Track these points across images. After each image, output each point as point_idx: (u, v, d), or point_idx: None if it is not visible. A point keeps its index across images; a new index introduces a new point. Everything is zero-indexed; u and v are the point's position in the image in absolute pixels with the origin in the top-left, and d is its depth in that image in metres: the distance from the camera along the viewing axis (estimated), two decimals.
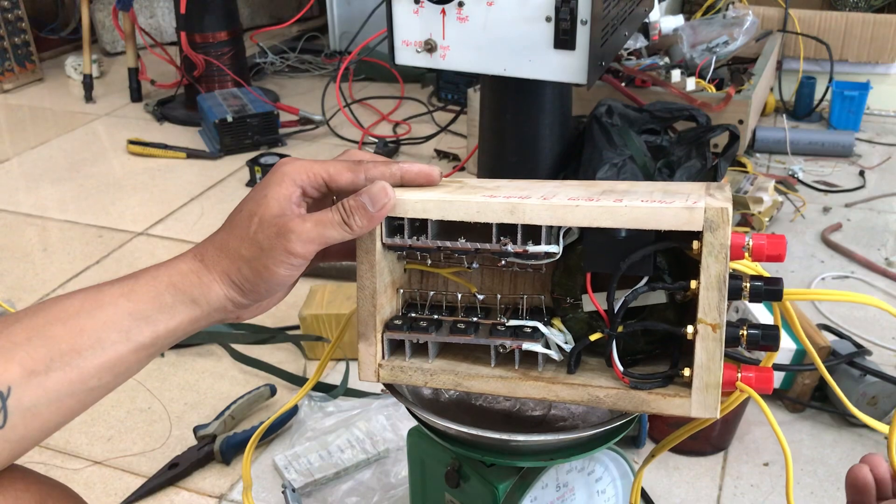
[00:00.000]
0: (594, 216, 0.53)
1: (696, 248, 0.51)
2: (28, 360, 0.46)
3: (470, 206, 0.56)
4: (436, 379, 0.59)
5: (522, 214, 0.55)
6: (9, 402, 0.45)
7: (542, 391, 0.57)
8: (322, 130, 2.18)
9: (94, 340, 0.48)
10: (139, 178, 1.95)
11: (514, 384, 0.58)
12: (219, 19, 2.23)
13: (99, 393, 0.50)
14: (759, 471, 1.05)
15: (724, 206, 0.50)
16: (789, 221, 1.64)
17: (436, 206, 0.56)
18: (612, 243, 0.54)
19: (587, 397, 0.56)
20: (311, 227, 0.53)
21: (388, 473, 1.04)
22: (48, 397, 0.47)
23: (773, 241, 0.54)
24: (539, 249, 0.56)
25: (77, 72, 2.61)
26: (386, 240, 0.58)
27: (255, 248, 0.52)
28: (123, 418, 1.16)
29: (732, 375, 0.54)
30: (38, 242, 1.67)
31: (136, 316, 0.50)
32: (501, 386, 0.58)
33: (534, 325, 0.58)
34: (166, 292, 0.52)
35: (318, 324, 1.24)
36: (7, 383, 0.45)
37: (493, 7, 1.19)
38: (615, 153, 1.41)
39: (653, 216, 0.52)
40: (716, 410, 0.53)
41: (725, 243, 0.50)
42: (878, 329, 1.31)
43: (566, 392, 0.57)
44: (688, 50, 1.87)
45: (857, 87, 2.04)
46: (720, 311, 0.51)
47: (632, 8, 1.39)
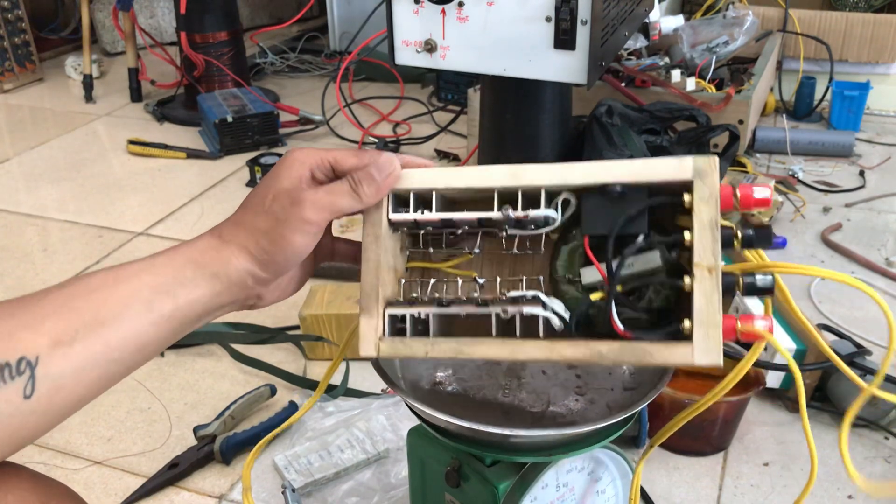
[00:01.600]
0: (591, 171, 0.57)
1: (687, 200, 0.55)
2: (54, 331, 0.47)
3: (472, 174, 0.59)
4: (436, 348, 0.58)
5: (524, 175, 0.58)
6: (37, 370, 0.46)
7: (545, 351, 0.57)
8: (322, 130, 2.18)
9: (117, 312, 0.49)
10: (139, 178, 1.95)
11: (515, 346, 0.57)
12: (219, 19, 2.23)
13: (121, 367, 0.50)
14: (760, 471, 1.05)
15: (711, 157, 0.55)
16: (789, 221, 1.64)
17: (441, 176, 0.60)
18: (609, 203, 0.57)
19: (589, 353, 0.56)
20: (323, 195, 0.55)
21: (388, 473, 1.04)
22: (73, 368, 0.47)
23: (759, 188, 0.56)
24: (539, 213, 0.58)
25: (77, 72, 2.61)
26: (392, 215, 0.60)
27: (271, 219, 0.55)
28: (123, 418, 1.16)
29: (732, 323, 0.55)
30: (38, 242, 1.67)
31: (157, 289, 0.51)
32: (502, 349, 0.57)
33: (534, 293, 0.59)
34: (186, 267, 0.53)
35: (318, 324, 1.24)
36: (35, 353, 0.46)
37: (493, 7, 1.19)
38: (615, 153, 1.41)
39: (646, 168, 0.56)
40: (718, 356, 0.53)
41: (715, 189, 0.55)
42: (878, 329, 1.30)
43: (569, 350, 0.56)
44: (688, 50, 1.87)
45: (857, 87, 2.04)
46: (714, 253, 0.54)
47: (632, 8, 1.39)
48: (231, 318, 1.36)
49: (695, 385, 1.02)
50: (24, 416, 0.46)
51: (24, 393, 0.45)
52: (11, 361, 0.45)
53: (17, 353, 0.45)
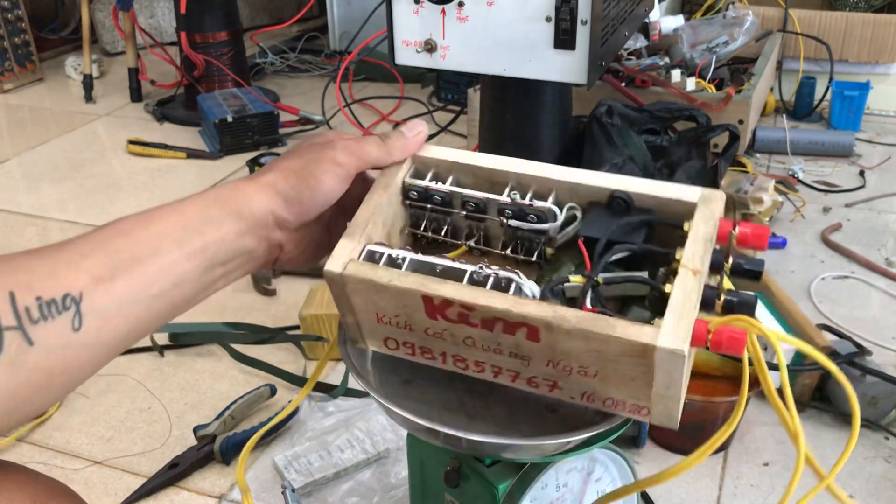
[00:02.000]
0: (604, 177, 0.60)
1: (685, 227, 0.56)
2: (95, 268, 0.49)
3: (489, 159, 0.62)
4: (402, 279, 0.57)
5: (541, 168, 0.61)
6: (82, 305, 0.47)
7: (508, 302, 0.54)
8: (322, 130, 2.18)
9: (151, 249, 0.51)
10: (139, 178, 1.95)
11: (480, 292, 0.55)
12: (219, 19, 2.23)
13: (162, 304, 0.52)
14: (760, 471, 1.05)
15: (720, 192, 0.57)
16: (789, 221, 1.64)
17: (462, 155, 0.63)
18: (612, 215, 0.59)
19: (553, 314, 0.53)
20: (353, 142, 0.60)
21: (388, 473, 1.04)
22: (117, 302, 0.49)
23: (757, 231, 0.58)
24: (544, 205, 0.60)
25: (77, 72, 2.61)
26: (408, 179, 0.63)
27: (303, 161, 0.58)
28: (123, 418, 1.16)
29: (703, 328, 0.52)
30: (39, 242, 1.66)
31: (186, 227, 0.53)
32: (466, 293, 0.55)
33: (514, 272, 0.58)
34: (212, 206, 0.55)
35: (318, 324, 1.24)
36: (79, 289, 0.47)
37: (493, 7, 1.19)
38: (615, 153, 1.41)
39: (657, 187, 0.59)
40: (684, 344, 0.50)
41: (716, 215, 0.56)
42: (878, 329, 1.31)
43: (532, 307, 0.54)
44: (688, 50, 1.87)
45: (857, 87, 2.04)
46: (703, 261, 0.54)
47: (632, 8, 1.39)
48: (231, 318, 1.36)
49: (695, 385, 1.02)
50: (75, 350, 0.47)
51: (73, 325, 0.47)
52: (57, 297, 0.46)
53: (61, 289, 0.47)
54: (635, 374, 0.54)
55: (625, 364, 0.53)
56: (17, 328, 0.45)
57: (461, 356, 0.60)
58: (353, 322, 0.62)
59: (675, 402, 0.55)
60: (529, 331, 0.55)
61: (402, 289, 0.57)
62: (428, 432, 0.61)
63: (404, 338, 0.61)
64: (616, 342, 0.52)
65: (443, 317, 0.57)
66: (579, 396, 0.59)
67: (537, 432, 0.63)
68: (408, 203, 0.65)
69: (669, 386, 0.54)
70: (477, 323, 0.56)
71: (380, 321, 0.61)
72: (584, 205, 0.61)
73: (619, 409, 0.58)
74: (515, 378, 0.60)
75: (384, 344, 0.63)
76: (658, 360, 0.51)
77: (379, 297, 0.58)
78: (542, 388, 0.60)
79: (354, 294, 0.59)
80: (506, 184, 0.62)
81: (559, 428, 0.62)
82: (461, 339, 0.59)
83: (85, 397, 1.20)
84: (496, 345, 0.57)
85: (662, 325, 0.51)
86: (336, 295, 0.60)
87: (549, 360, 0.56)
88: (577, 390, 0.58)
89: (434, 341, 0.60)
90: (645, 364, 0.52)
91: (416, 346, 0.61)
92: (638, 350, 0.52)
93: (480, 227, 0.65)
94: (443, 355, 0.61)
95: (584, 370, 0.56)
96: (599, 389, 0.57)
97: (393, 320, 0.60)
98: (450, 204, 0.64)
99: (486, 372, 0.61)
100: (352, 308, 0.60)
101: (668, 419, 0.57)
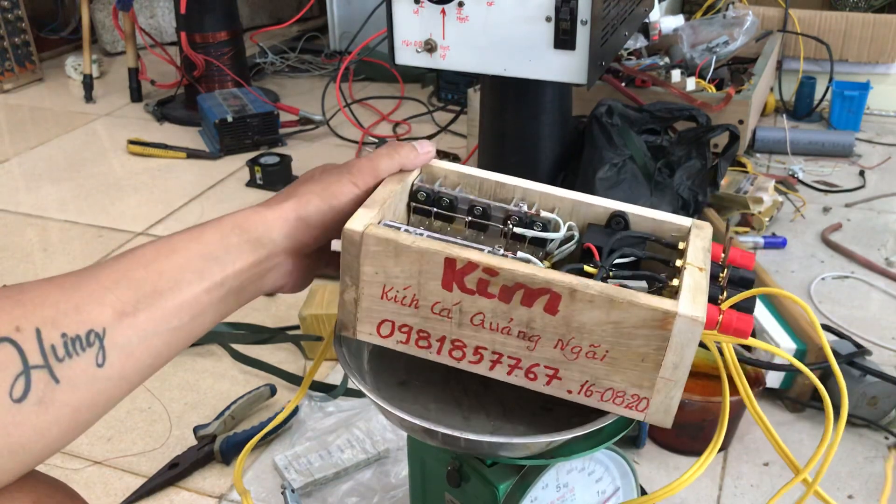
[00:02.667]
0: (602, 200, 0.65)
1: (681, 246, 0.62)
2: (118, 302, 0.50)
3: (501, 176, 0.67)
4: (426, 242, 0.57)
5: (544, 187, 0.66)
6: (105, 341, 0.48)
7: (532, 268, 0.56)
8: (322, 130, 2.18)
9: (173, 282, 0.52)
10: (139, 178, 1.95)
11: (498, 259, 0.57)
12: (219, 19, 2.23)
13: (182, 334, 0.53)
14: (760, 471, 1.05)
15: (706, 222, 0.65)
16: (789, 221, 1.64)
17: (471, 171, 0.67)
18: (610, 233, 0.64)
19: (576, 281, 0.55)
20: (366, 161, 0.63)
21: (388, 473, 1.04)
22: (138, 336, 0.50)
23: (745, 255, 0.63)
24: (548, 216, 0.64)
25: (77, 72, 2.61)
26: (418, 182, 0.66)
27: (322, 184, 0.60)
28: (123, 418, 1.16)
29: (714, 310, 0.56)
30: (39, 242, 1.67)
31: (207, 257, 0.54)
32: (490, 258, 0.57)
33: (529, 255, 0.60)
34: (232, 233, 0.56)
35: (318, 324, 1.24)
36: (102, 325, 0.48)
37: (493, 7, 1.19)
38: (615, 153, 1.41)
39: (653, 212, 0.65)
40: (703, 312, 0.53)
41: (709, 234, 0.62)
42: (878, 329, 1.31)
43: (557, 274, 0.56)
44: (688, 50, 1.87)
45: (857, 87, 2.04)
46: (705, 263, 0.59)
47: (632, 8, 1.39)
48: (231, 318, 1.36)
49: (695, 385, 1.02)
50: (100, 384, 0.48)
51: (97, 361, 0.48)
52: (81, 334, 0.47)
53: (86, 325, 0.48)
54: (647, 353, 0.55)
55: (639, 339, 0.55)
56: (43, 367, 0.46)
57: (461, 342, 0.60)
58: (353, 298, 0.60)
59: (677, 390, 0.57)
60: (550, 299, 0.56)
61: (425, 250, 0.57)
62: (425, 432, 0.61)
63: (403, 319, 0.60)
64: (638, 309, 0.54)
65: (460, 286, 0.57)
66: (578, 388, 0.59)
67: (533, 431, 0.64)
68: (413, 206, 0.66)
69: (678, 366, 0.55)
70: (495, 293, 0.57)
71: (384, 296, 0.59)
72: (582, 226, 0.66)
73: (617, 402, 0.59)
74: (514, 369, 0.60)
75: (377, 330, 0.61)
76: (676, 330, 0.54)
77: (395, 262, 0.58)
78: (541, 379, 0.59)
79: (367, 259, 0.58)
80: (510, 198, 0.66)
81: (554, 427, 0.62)
82: (470, 317, 0.58)
83: None
84: (507, 321, 0.58)
85: (680, 299, 0.55)
86: (347, 261, 0.59)
87: (559, 338, 0.57)
88: (577, 380, 0.58)
89: (436, 322, 0.59)
90: (661, 337, 0.54)
91: (414, 329, 0.60)
92: (658, 318, 0.54)
93: (480, 237, 0.66)
94: (440, 342, 0.60)
95: (593, 350, 0.57)
96: (602, 377, 0.58)
97: (400, 294, 0.59)
98: (455, 209, 0.65)
99: (484, 362, 0.60)
100: (358, 278, 0.59)
101: (664, 413, 0.58)
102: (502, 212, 0.65)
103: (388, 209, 0.62)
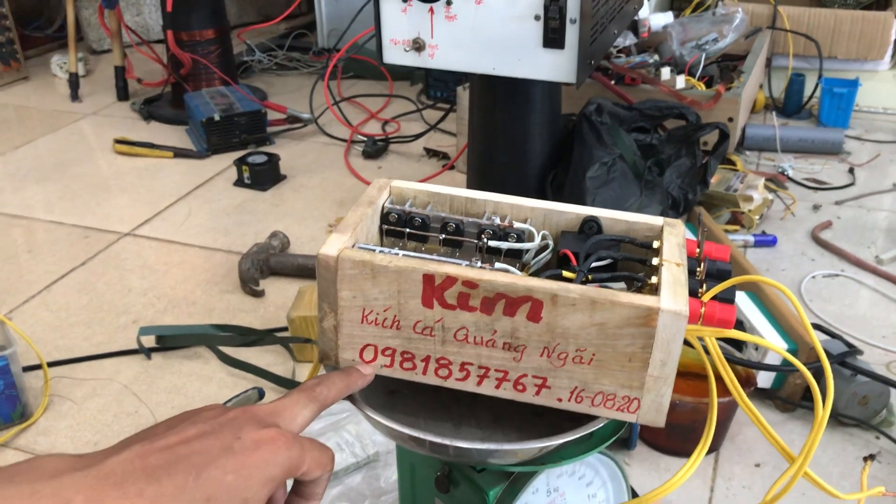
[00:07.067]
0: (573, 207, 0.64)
1: (655, 245, 0.61)
2: None
3: (470, 192, 0.66)
4: (402, 261, 0.56)
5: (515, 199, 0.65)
6: None
7: (512, 278, 0.55)
8: (310, 129, 2.16)
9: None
10: (126, 177, 1.93)
11: (482, 271, 0.56)
12: (206, 17, 2.21)
13: None
14: (751, 472, 1.05)
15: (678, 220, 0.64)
16: (779, 219, 1.64)
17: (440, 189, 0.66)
18: (585, 238, 0.63)
19: (557, 286, 0.54)
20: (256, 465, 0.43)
21: (378, 478, 1.03)
22: None
23: (719, 247, 0.63)
24: (522, 226, 0.63)
25: (63, 70, 2.59)
26: (388, 204, 0.65)
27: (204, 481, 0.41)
28: (110, 422, 1.15)
29: (696, 303, 0.56)
30: (24, 243, 1.65)
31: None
32: (469, 271, 0.56)
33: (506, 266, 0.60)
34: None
35: (306, 325, 1.23)
36: None
37: (481, 6, 1.18)
38: (605, 152, 1.40)
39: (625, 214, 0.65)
40: (685, 306, 0.53)
41: (682, 233, 0.62)
42: (869, 327, 1.30)
43: (537, 281, 0.55)
44: (677, 47, 1.87)
45: (846, 84, 2.04)
46: (681, 259, 0.58)
47: (621, 5, 1.38)
48: (218, 319, 1.35)
49: (686, 386, 1.01)
50: None
51: None
52: None
53: None
54: (633, 352, 0.55)
55: (625, 339, 0.54)
56: None
57: (446, 359, 0.59)
58: (332, 325, 0.60)
59: (667, 387, 0.56)
60: (532, 307, 0.55)
61: (402, 268, 0.56)
62: (413, 441, 0.60)
63: (386, 342, 0.59)
64: (621, 308, 0.53)
65: (440, 302, 0.56)
66: (568, 396, 0.58)
67: (524, 437, 0.63)
68: (385, 228, 0.66)
69: (666, 363, 0.55)
70: (476, 306, 0.56)
71: (364, 319, 0.59)
72: (555, 234, 0.66)
73: (608, 406, 0.58)
74: (501, 382, 0.59)
75: (360, 355, 0.60)
76: (661, 325, 0.53)
77: (373, 283, 0.57)
78: (530, 390, 0.59)
79: (344, 283, 0.57)
80: (482, 213, 0.66)
81: (546, 432, 0.61)
82: (453, 333, 0.58)
83: (70, 401, 1.18)
84: (490, 334, 0.57)
85: (661, 295, 0.54)
86: (323, 287, 0.58)
87: (545, 346, 0.56)
88: (566, 387, 0.58)
89: (420, 342, 0.59)
90: (646, 335, 0.54)
91: (398, 352, 0.60)
92: (642, 315, 0.53)
93: (455, 254, 0.66)
94: (425, 361, 0.60)
95: (580, 355, 0.56)
96: (591, 381, 0.57)
97: (380, 316, 0.58)
98: (428, 228, 0.65)
99: (471, 378, 0.60)
100: (336, 303, 0.58)
101: (656, 412, 0.57)
102: (475, 227, 0.64)
103: (361, 233, 0.61)
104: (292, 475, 0.46)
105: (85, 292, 1.46)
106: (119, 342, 1.31)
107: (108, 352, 1.29)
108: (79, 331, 1.35)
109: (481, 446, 0.59)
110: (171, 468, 0.40)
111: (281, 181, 1.88)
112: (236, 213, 1.75)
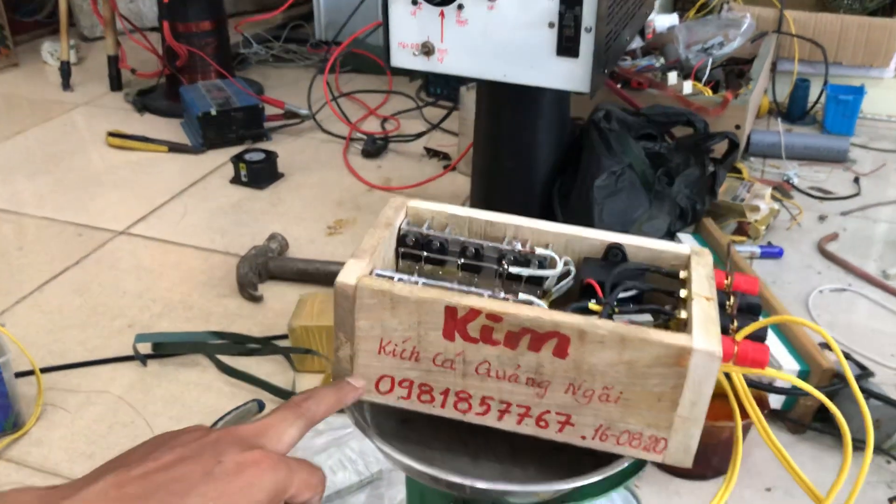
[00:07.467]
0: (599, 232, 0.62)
1: (683, 275, 0.59)
2: None
3: (491, 214, 0.63)
4: (423, 291, 0.54)
5: (536, 223, 0.62)
6: None
7: (537, 311, 0.53)
8: (308, 125, 2.12)
9: None
10: (120, 172, 1.89)
11: (507, 304, 0.54)
12: (203, 8, 2.17)
13: None
14: (762, 496, 1.03)
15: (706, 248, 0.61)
16: (786, 230, 1.61)
17: (459, 210, 0.64)
18: (608, 266, 0.60)
19: (584, 322, 0.52)
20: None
21: (381, 497, 1.01)
22: None
23: (749, 279, 0.60)
24: (544, 253, 0.61)
25: (54, 57, 2.53)
26: (405, 226, 0.62)
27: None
28: (105, 434, 1.12)
29: (729, 341, 0.54)
30: (14, 241, 1.60)
31: None
32: (492, 303, 0.53)
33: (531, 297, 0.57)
34: None
35: (307, 336, 1.20)
36: None
37: (493, 11, 1.15)
38: (614, 160, 1.37)
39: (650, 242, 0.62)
40: (718, 347, 0.50)
41: (710, 260, 0.60)
42: (877, 345, 1.29)
43: (564, 316, 0.53)
44: (683, 50, 1.84)
45: (851, 91, 2.02)
46: (711, 292, 0.56)
47: (634, 11, 1.35)
48: (216, 326, 1.31)
49: None
50: None
51: None
52: None
53: None
54: (663, 391, 0.52)
55: (654, 378, 0.52)
56: None
57: (466, 393, 0.57)
58: (347, 355, 0.58)
59: (696, 428, 0.54)
60: (559, 343, 0.53)
61: (423, 299, 0.53)
62: (431, 479, 0.58)
63: (404, 374, 0.57)
64: (651, 347, 0.51)
65: (462, 335, 0.54)
66: (592, 434, 0.56)
67: (544, 472, 0.61)
68: (402, 251, 0.63)
69: (696, 403, 0.52)
70: (500, 340, 0.54)
71: (382, 350, 0.56)
72: (577, 260, 0.63)
73: (633, 445, 0.56)
74: (523, 417, 0.57)
75: (376, 387, 0.58)
76: (693, 366, 0.51)
77: (392, 314, 0.55)
78: (552, 427, 0.56)
79: (363, 312, 0.55)
80: (502, 237, 0.63)
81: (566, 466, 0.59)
82: (475, 366, 0.55)
83: (65, 411, 1.15)
84: (514, 368, 0.55)
85: (694, 333, 0.52)
86: (340, 316, 0.56)
87: (570, 382, 0.54)
88: (591, 425, 0.56)
89: (439, 374, 0.56)
90: (676, 375, 0.51)
91: (415, 384, 0.57)
92: (673, 355, 0.51)
93: (474, 280, 0.63)
94: (444, 394, 0.57)
95: (607, 393, 0.54)
96: (617, 420, 0.55)
97: (399, 347, 0.56)
98: (446, 251, 0.63)
99: (491, 412, 0.57)
100: (353, 333, 0.56)
101: (684, 453, 0.55)
102: (496, 251, 0.62)
103: (378, 257, 0.59)
104: (279, 499, 0.44)
105: (78, 294, 1.42)
106: (114, 347, 1.28)
107: (103, 358, 1.25)
108: (72, 334, 1.31)
109: (501, 487, 0.57)
110: (149, 498, 0.38)
111: (278, 179, 1.84)
112: (233, 212, 1.71)
